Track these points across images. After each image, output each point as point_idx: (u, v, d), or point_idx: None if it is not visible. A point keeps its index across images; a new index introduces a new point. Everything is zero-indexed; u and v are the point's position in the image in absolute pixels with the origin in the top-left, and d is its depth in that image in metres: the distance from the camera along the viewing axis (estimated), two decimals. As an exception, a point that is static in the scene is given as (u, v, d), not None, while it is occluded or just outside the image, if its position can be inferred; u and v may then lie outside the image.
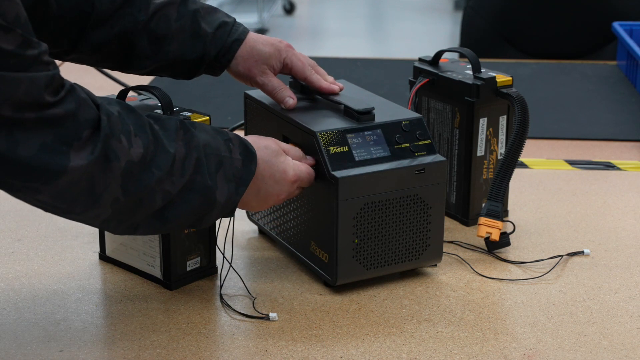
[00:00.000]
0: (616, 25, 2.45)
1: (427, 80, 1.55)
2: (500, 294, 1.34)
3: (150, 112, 1.18)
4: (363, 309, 1.29)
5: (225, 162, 1.19)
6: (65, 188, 1.06)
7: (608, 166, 1.81)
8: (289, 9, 7.43)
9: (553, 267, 1.41)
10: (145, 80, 2.06)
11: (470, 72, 1.52)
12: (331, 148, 1.28)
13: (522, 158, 1.79)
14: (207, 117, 1.31)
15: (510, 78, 1.50)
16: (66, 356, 1.18)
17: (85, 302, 1.30)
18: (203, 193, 1.17)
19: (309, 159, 1.30)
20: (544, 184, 1.73)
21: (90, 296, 1.32)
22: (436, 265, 1.39)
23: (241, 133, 1.51)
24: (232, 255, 1.37)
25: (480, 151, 1.51)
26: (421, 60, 1.59)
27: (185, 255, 1.33)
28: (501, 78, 1.50)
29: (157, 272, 1.34)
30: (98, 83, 1.97)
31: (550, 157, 1.86)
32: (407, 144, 1.32)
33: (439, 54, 1.58)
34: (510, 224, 1.49)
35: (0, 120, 1.01)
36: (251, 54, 1.37)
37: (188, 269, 1.34)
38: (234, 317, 1.27)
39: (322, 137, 1.29)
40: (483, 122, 1.50)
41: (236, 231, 1.44)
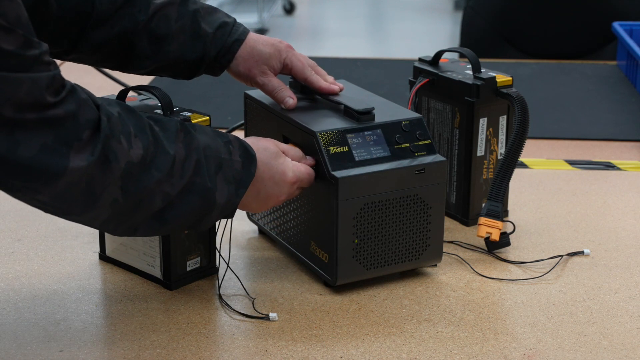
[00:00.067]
0: (616, 25, 2.45)
1: (427, 80, 1.55)
2: (500, 294, 1.34)
3: (150, 114, 1.18)
4: (363, 309, 1.29)
5: (225, 164, 1.19)
6: (64, 189, 1.06)
7: (608, 166, 1.81)
8: (289, 9, 7.43)
9: (553, 267, 1.41)
10: (145, 80, 2.06)
11: (470, 72, 1.52)
12: (331, 148, 1.28)
13: (522, 158, 1.78)
14: (207, 117, 1.31)
15: (510, 78, 1.50)
16: (66, 356, 1.18)
17: (85, 302, 1.30)
18: (202, 195, 1.17)
19: (309, 160, 1.30)
20: (544, 184, 1.73)
21: (90, 296, 1.32)
22: (436, 265, 1.39)
23: (241, 133, 1.52)
24: (230, 254, 1.37)
25: (480, 151, 1.51)
26: (421, 60, 1.59)
27: (185, 255, 1.33)
28: (501, 78, 1.50)
29: (157, 272, 1.34)
30: (98, 83, 1.97)
31: (550, 157, 1.86)
32: (407, 144, 1.32)
33: (439, 54, 1.58)
34: (510, 224, 1.49)
35: (1, 120, 1.01)
36: (251, 55, 1.37)
37: (188, 269, 1.34)
38: (234, 317, 1.27)
39: (322, 137, 1.29)
40: (483, 122, 1.50)
41: (236, 231, 1.44)
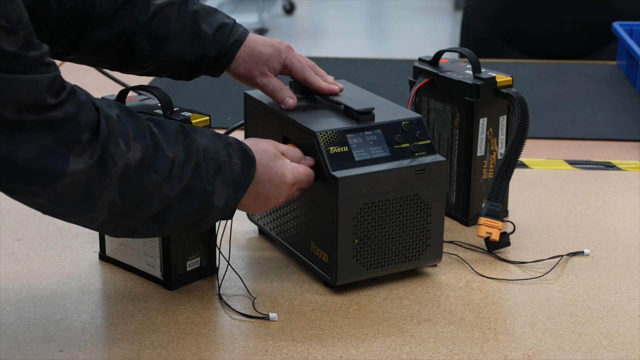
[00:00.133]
0: (616, 25, 2.45)
1: (427, 80, 1.55)
2: (500, 294, 1.34)
3: (150, 116, 1.18)
4: (363, 309, 1.29)
5: (224, 167, 1.19)
6: (63, 191, 1.06)
7: (608, 166, 1.81)
8: (289, 9, 7.42)
9: (553, 267, 1.41)
10: (145, 80, 2.06)
11: (470, 72, 1.52)
12: (331, 148, 1.28)
13: (522, 158, 1.78)
14: (207, 117, 1.31)
15: (510, 78, 1.50)
16: (66, 356, 1.18)
17: (85, 302, 1.30)
18: (201, 197, 1.17)
19: (309, 160, 1.30)
20: (544, 184, 1.73)
21: (90, 296, 1.32)
22: (436, 265, 1.39)
23: (241, 133, 1.52)
24: (230, 254, 1.37)
25: (480, 151, 1.51)
26: (421, 60, 1.59)
27: (185, 255, 1.33)
28: (501, 78, 1.50)
29: (157, 272, 1.34)
30: (98, 83, 1.97)
31: (550, 157, 1.86)
32: (407, 144, 1.32)
33: (439, 54, 1.58)
34: (510, 224, 1.49)
35: (0, 121, 1.01)
36: (251, 55, 1.37)
37: (188, 269, 1.34)
38: (234, 317, 1.27)
39: (322, 137, 1.29)
40: (483, 122, 1.50)
41: (236, 231, 1.44)
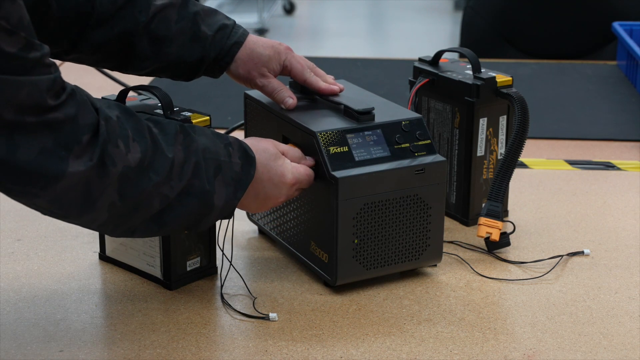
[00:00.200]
0: (616, 25, 2.45)
1: (427, 80, 1.55)
2: (500, 294, 1.34)
3: (150, 116, 1.18)
4: (363, 309, 1.29)
5: (224, 166, 1.19)
6: (62, 193, 1.06)
7: (608, 166, 1.81)
8: (289, 9, 7.42)
9: (553, 267, 1.41)
10: (145, 80, 2.06)
11: (470, 72, 1.52)
12: (331, 148, 1.28)
13: (522, 158, 1.78)
14: (207, 117, 1.31)
15: (510, 78, 1.50)
16: (66, 356, 1.18)
17: (85, 302, 1.30)
18: (201, 197, 1.17)
19: (309, 160, 1.30)
20: (544, 184, 1.73)
21: (90, 296, 1.32)
22: (436, 265, 1.39)
23: (241, 133, 1.52)
24: (232, 254, 1.37)
25: (480, 151, 1.51)
26: (421, 60, 1.59)
27: (185, 255, 1.33)
28: (501, 78, 1.50)
29: (157, 272, 1.34)
30: (98, 83, 1.97)
31: (550, 157, 1.86)
32: (407, 144, 1.32)
33: (439, 54, 1.58)
34: (510, 224, 1.49)
35: (0, 123, 1.01)
36: (251, 57, 1.37)
37: (188, 269, 1.34)
38: (234, 317, 1.27)
39: (322, 137, 1.29)
40: (483, 122, 1.50)
41: (236, 231, 1.44)
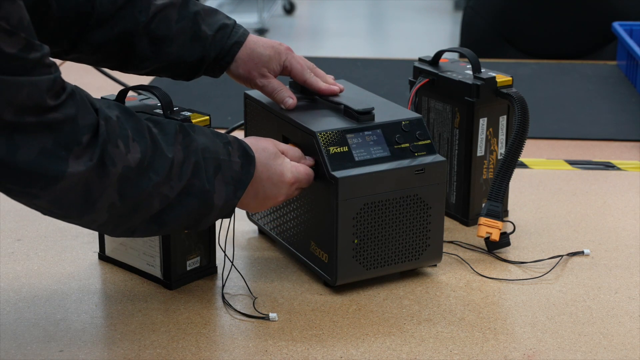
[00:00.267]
0: (616, 25, 2.45)
1: (427, 80, 1.55)
2: (500, 294, 1.34)
3: (150, 116, 1.18)
4: (363, 309, 1.29)
5: (223, 166, 1.19)
6: (62, 193, 1.06)
7: (608, 166, 1.81)
8: (289, 9, 7.42)
9: (553, 267, 1.41)
10: (145, 80, 2.06)
11: (470, 72, 1.52)
12: (331, 148, 1.28)
13: (522, 158, 1.78)
14: (207, 117, 1.31)
15: (510, 78, 1.50)
16: (66, 356, 1.18)
17: (85, 302, 1.30)
18: (201, 197, 1.17)
19: (308, 160, 1.30)
20: (544, 184, 1.73)
21: (90, 296, 1.32)
22: (436, 265, 1.39)
23: (241, 133, 1.52)
24: (233, 254, 1.37)
25: (480, 151, 1.51)
26: (421, 60, 1.59)
27: (185, 254, 1.33)
28: (501, 78, 1.50)
29: (157, 272, 1.34)
30: (98, 83, 1.97)
31: (550, 157, 1.86)
32: (407, 144, 1.32)
33: (439, 54, 1.58)
34: (510, 224, 1.49)
35: (1, 123, 1.01)
36: (251, 57, 1.37)
37: (188, 269, 1.34)
38: (234, 317, 1.27)
39: (322, 137, 1.29)
40: (483, 122, 1.50)
41: (236, 231, 1.44)
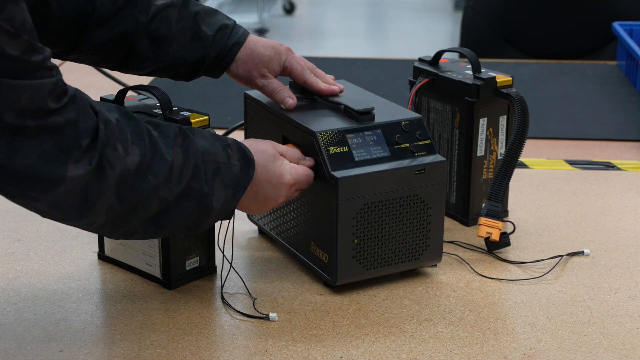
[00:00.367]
0: (616, 25, 2.45)
1: (427, 80, 1.55)
2: (500, 294, 1.34)
3: (150, 119, 1.18)
4: (363, 309, 1.29)
5: (223, 168, 1.19)
6: (62, 197, 1.06)
7: (608, 166, 1.81)
8: (289, 9, 7.42)
9: (553, 267, 1.41)
10: (144, 80, 2.06)
11: (470, 72, 1.52)
12: (331, 148, 1.28)
13: (522, 158, 1.78)
14: (206, 117, 1.31)
15: (510, 78, 1.50)
16: (66, 356, 1.18)
17: (85, 302, 1.30)
18: (199, 200, 1.17)
19: (308, 161, 1.30)
20: (544, 184, 1.73)
21: (90, 296, 1.32)
22: (436, 265, 1.39)
23: (241, 133, 1.52)
24: (232, 255, 1.37)
25: (480, 151, 1.51)
26: (421, 60, 1.59)
27: (184, 254, 1.33)
28: (501, 78, 1.50)
29: (157, 272, 1.34)
30: (98, 83, 1.97)
31: (550, 157, 1.86)
32: (407, 144, 1.32)
33: (439, 54, 1.58)
34: (510, 224, 1.49)
35: (1, 127, 1.01)
36: (251, 57, 1.37)
37: (187, 269, 1.34)
38: (234, 317, 1.27)
39: (322, 137, 1.29)
40: (483, 122, 1.50)
41: (236, 231, 1.44)
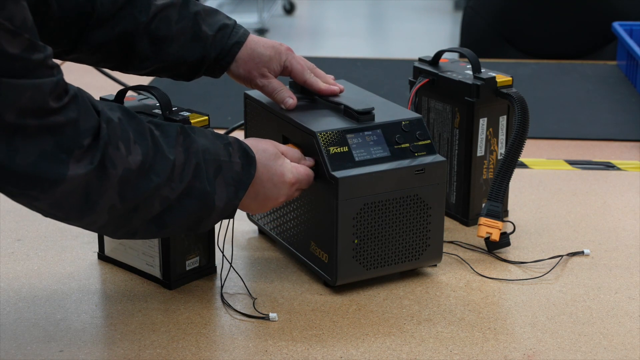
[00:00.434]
0: (616, 25, 2.45)
1: (427, 80, 1.55)
2: (500, 294, 1.34)
3: (151, 118, 1.18)
4: (363, 309, 1.29)
5: (224, 167, 1.19)
6: (63, 196, 1.06)
7: (608, 166, 1.81)
8: (289, 9, 7.42)
9: (553, 267, 1.41)
10: (144, 80, 2.06)
11: (470, 72, 1.52)
12: (331, 148, 1.28)
13: (522, 158, 1.78)
14: (206, 117, 1.31)
15: (510, 78, 1.50)
16: (66, 356, 1.18)
17: (85, 302, 1.30)
18: (202, 198, 1.17)
19: (308, 160, 1.30)
20: (544, 184, 1.73)
21: (90, 296, 1.32)
22: (436, 265, 1.39)
23: (241, 133, 1.52)
24: (232, 255, 1.37)
25: (480, 151, 1.51)
26: (421, 60, 1.59)
27: (184, 254, 1.33)
28: (501, 78, 1.50)
29: (157, 272, 1.34)
30: (98, 83, 1.97)
31: (550, 157, 1.86)
32: (407, 144, 1.32)
33: (439, 54, 1.58)
34: (510, 224, 1.49)
35: (2, 126, 1.00)
36: (251, 57, 1.37)
37: (187, 269, 1.34)
38: (234, 317, 1.27)
39: (322, 137, 1.29)
40: (483, 122, 1.50)
41: (236, 231, 1.44)
